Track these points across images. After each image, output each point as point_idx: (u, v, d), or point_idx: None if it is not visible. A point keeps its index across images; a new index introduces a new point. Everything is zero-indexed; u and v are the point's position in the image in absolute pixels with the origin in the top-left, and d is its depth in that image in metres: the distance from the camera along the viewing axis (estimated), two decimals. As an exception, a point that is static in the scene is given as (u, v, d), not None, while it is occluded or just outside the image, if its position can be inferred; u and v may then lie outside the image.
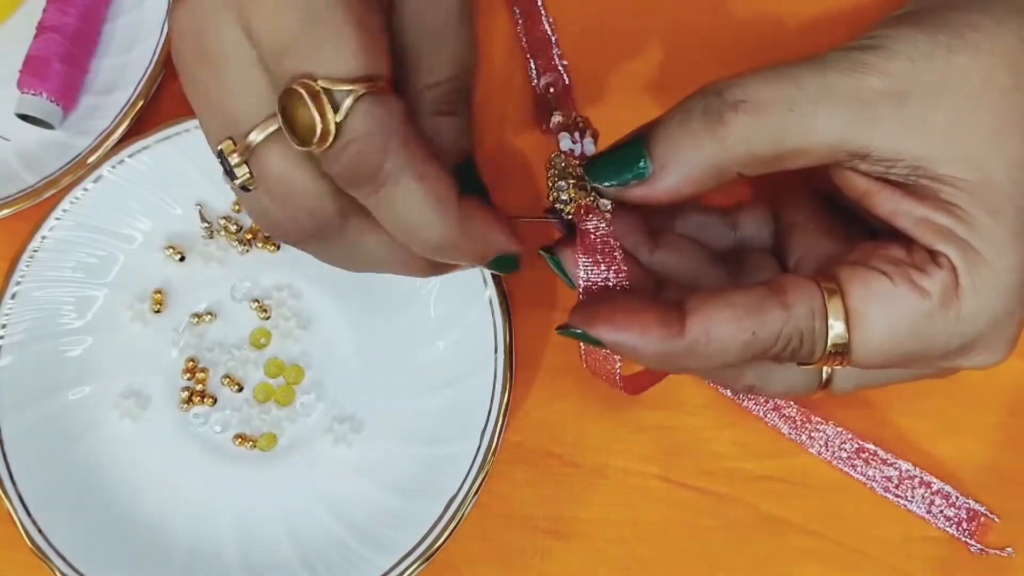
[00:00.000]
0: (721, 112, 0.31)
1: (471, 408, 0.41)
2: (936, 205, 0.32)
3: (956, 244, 0.31)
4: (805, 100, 0.31)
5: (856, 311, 0.32)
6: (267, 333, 0.44)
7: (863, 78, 0.31)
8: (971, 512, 0.41)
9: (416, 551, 0.39)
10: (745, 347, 0.31)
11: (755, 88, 0.31)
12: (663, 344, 0.31)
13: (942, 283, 0.31)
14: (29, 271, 0.43)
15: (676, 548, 0.42)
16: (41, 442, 0.42)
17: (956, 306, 0.31)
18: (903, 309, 0.31)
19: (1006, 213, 0.31)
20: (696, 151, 0.31)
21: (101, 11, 0.46)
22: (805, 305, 0.31)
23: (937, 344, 0.32)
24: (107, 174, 0.43)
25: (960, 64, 0.31)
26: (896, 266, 0.32)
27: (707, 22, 0.46)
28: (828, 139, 0.31)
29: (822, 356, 0.32)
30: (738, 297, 0.31)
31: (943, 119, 0.31)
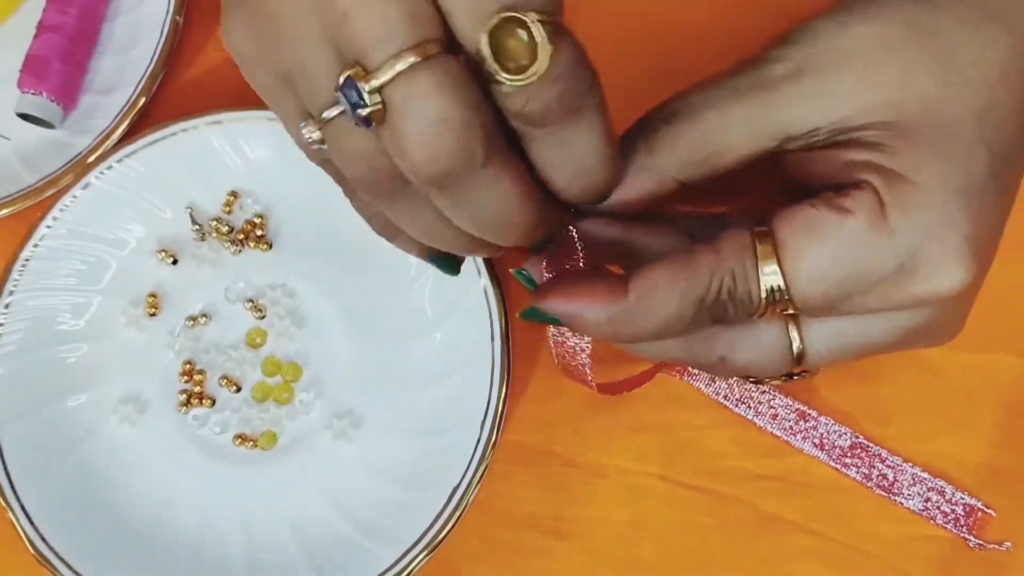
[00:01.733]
0: (655, 127, 0.33)
1: (470, 398, 0.41)
2: (858, 147, 0.33)
3: (875, 170, 0.32)
4: (717, 102, 0.33)
5: (785, 244, 0.32)
6: (263, 332, 0.44)
7: (768, 68, 0.33)
8: (968, 508, 0.41)
9: (420, 542, 0.39)
10: (683, 296, 0.32)
11: (680, 101, 0.33)
12: (609, 308, 0.32)
13: (865, 203, 0.32)
14: (22, 280, 0.43)
15: (676, 547, 0.42)
16: (41, 450, 0.41)
17: (884, 225, 0.31)
18: (830, 232, 0.32)
19: (921, 135, 0.32)
20: (632, 160, 0.33)
21: (101, 10, 0.46)
22: (733, 246, 0.32)
23: (873, 265, 0.32)
24: (96, 180, 0.43)
25: (855, 32, 0.33)
26: (819, 196, 0.32)
27: (704, 20, 0.47)
28: (741, 129, 0.33)
29: (761, 300, 0.32)
30: (676, 254, 0.33)
31: (847, 81, 0.32)
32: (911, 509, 0.42)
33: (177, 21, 0.45)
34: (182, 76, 0.47)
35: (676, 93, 0.34)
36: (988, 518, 0.41)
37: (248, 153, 0.44)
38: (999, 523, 0.41)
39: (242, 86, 0.46)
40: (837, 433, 0.42)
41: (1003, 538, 0.41)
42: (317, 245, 0.44)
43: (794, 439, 0.42)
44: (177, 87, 0.46)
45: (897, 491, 0.42)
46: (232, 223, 0.44)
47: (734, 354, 0.35)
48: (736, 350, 0.35)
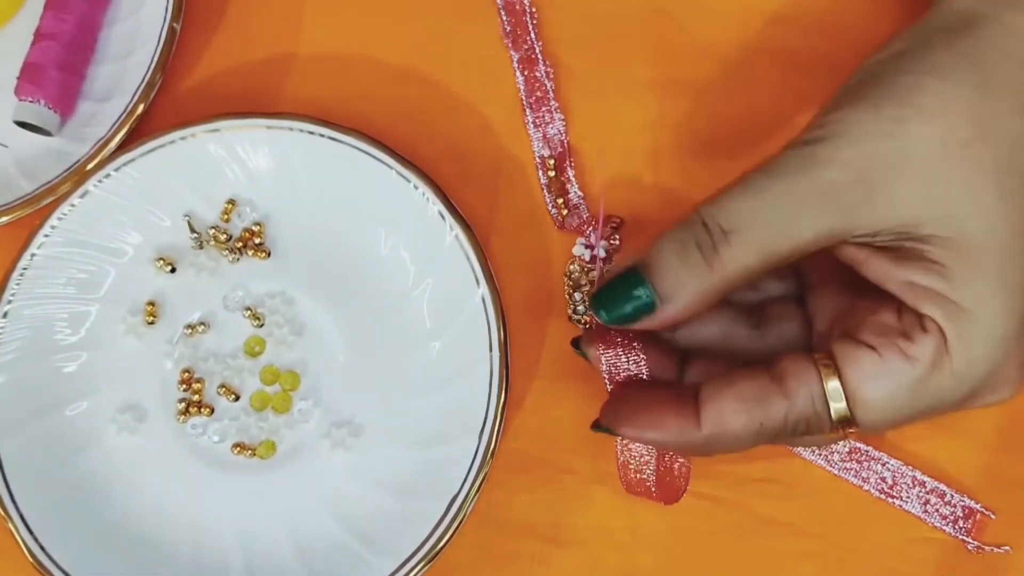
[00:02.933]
0: (715, 245, 0.33)
1: (469, 407, 0.41)
2: (920, 266, 0.32)
3: (940, 304, 0.32)
4: (780, 211, 0.33)
5: (853, 391, 0.33)
6: (261, 341, 0.44)
7: (824, 174, 0.32)
8: (967, 510, 0.41)
9: (419, 553, 0.39)
10: (756, 436, 0.34)
11: (736, 213, 0.33)
12: (683, 437, 0.34)
13: (930, 347, 0.32)
14: (20, 289, 0.42)
15: (674, 553, 0.42)
16: (40, 460, 0.41)
17: (948, 364, 0.32)
18: (896, 380, 0.33)
19: (984, 262, 0.32)
20: (699, 281, 0.33)
21: (98, 18, 0.46)
22: (805, 392, 0.33)
23: (939, 401, 0.33)
24: (94, 188, 0.43)
25: (913, 131, 0.32)
26: (885, 337, 0.33)
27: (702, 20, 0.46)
28: (809, 238, 0.33)
29: (831, 431, 0.34)
30: (744, 387, 0.34)
31: (912, 187, 0.32)
32: (910, 512, 0.42)
33: (175, 28, 0.45)
34: (180, 83, 0.46)
35: (718, 200, 0.34)
36: (987, 521, 0.41)
37: (246, 161, 0.44)
38: (998, 526, 0.42)
39: (240, 93, 0.46)
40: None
41: (1002, 541, 0.41)
42: (316, 254, 0.44)
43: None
44: (175, 94, 0.46)
45: (896, 494, 0.42)
46: (230, 231, 0.44)
47: (797, 445, 0.40)
48: (801, 443, 0.39)
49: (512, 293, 0.43)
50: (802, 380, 0.34)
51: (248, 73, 0.47)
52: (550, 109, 0.45)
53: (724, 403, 0.34)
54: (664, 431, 0.34)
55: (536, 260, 0.44)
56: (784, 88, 0.45)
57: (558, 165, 0.45)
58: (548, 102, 0.45)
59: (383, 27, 0.47)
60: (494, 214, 0.45)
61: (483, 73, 0.46)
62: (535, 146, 0.45)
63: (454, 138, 0.45)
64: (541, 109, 0.45)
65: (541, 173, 0.45)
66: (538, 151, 0.45)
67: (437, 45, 0.46)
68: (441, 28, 0.47)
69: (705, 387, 0.35)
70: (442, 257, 0.42)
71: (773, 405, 0.34)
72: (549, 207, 0.45)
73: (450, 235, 0.42)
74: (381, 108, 0.46)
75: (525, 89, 0.45)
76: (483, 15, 0.47)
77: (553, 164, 0.45)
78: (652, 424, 0.35)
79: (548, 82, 0.45)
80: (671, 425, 0.34)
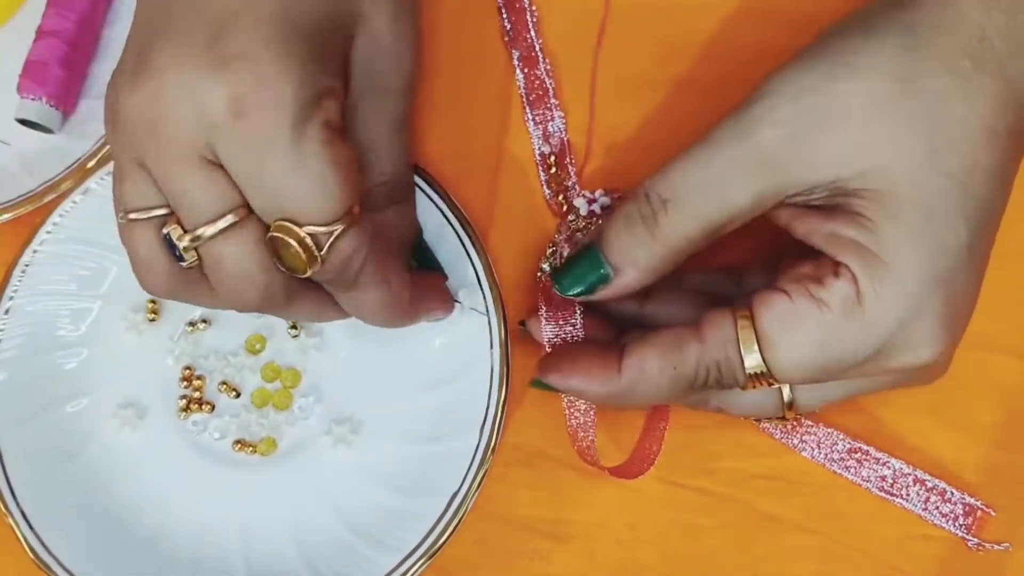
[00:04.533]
0: (655, 214, 0.35)
1: (470, 404, 0.41)
2: (846, 218, 0.33)
3: (858, 253, 0.33)
4: (714, 178, 0.34)
5: (765, 334, 0.34)
6: (262, 338, 0.44)
7: (756, 134, 0.34)
8: (967, 507, 0.42)
9: (420, 549, 0.39)
10: (672, 381, 0.35)
11: (673, 183, 0.35)
12: (606, 384, 0.36)
13: (840, 292, 0.33)
14: (22, 285, 0.43)
15: (675, 549, 0.42)
16: (41, 456, 0.42)
17: (860, 314, 0.33)
18: (805, 324, 0.33)
19: (906, 217, 0.33)
20: (644, 250, 0.35)
21: (100, 16, 0.46)
22: (717, 336, 0.35)
23: (848, 352, 0.33)
24: (96, 185, 0.43)
25: (842, 88, 0.33)
26: (797, 283, 0.34)
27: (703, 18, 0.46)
28: (746, 200, 0.34)
29: (747, 381, 0.35)
30: (664, 336, 0.36)
31: (841, 141, 0.33)
32: (911, 510, 0.42)
33: (176, 26, 0.45)
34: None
35: (662, 172, 0.35)
36: (988, 518, 0.42)
37: (247, 158, 0.44)
38: (999, 523, 0.42)
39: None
40: (835, 437, 0.42)
41: (1002, 538, 0.41)
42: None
43: (792, 442, 0.42)
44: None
45: (897, 492, 0.42)
46: None
47: (730, 407, 0.38)
48: (731, 403, 0.38)
49: (514, 290, 0.43)
50: (716, 325, 0.35)
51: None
52: (550, 107, 0.45)
53: (644, 350, 0.36)
54: (587, 378, 0.36)
55: (536, 257, 0.44)
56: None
57: (559, 162, 0.45)
58: (548, 100, 0.45)
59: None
60: (494, 211, 0.45)
61: (483, 70, 0.46)
62: (535, 143, 0.45)
63: (454, 135, 0.45)
64: (541, 107, 0.45)
65: (542, 170, 0.45)
66: (538, 148, 0.45)
67: (439, 43, 0.46)
68: (441, 25, 0.47)
69: (630, 342, 0.36)
70: (444, 256, 0.42)
71: (687, 350, 0.35)
72: (549, 203, 0.45)
73: (452, 234, 0.42)
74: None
75: (525, 87, 0.46)
76: (483, 12, 0.47)
77: (554, 161, 0.45)
78: (576, 371, 0.37)
79: (548, 80, 0.45)
80: (594, 372, 0.36)
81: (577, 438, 0.40)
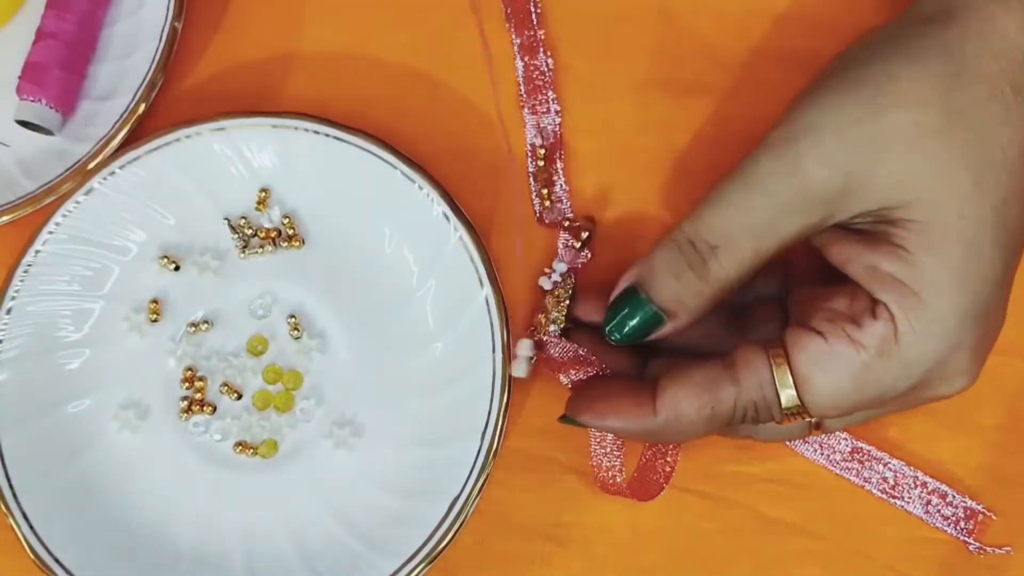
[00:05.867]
0: (704, 261, 0.35)
1: (471, 408, 0.41)
2: (886, 250, 0.33)
3: (896, 290, 0.33)
4: (763, 222, 0.34)
5: (801, 376, 0.34)
6: (264, 340, 0.44)
7: (803, 174, 0.33)
8: (968, 511, 0.42)
9: (420, 553, 0.39)
10: (709, 421, 0.35)
11: (720, 229, 0.34)
12: (641, 424, 0.36)
13: (878, 333, 0.33)
14: (24, 285, 0.42)
15: (676, 553, 0.42)
16: (42, 456, 0.41)
17: (896, 353, 0.33)
18: (842, 366, 0.33)
19: (949, 252, 0.32)
20: (697, 297, 0.35)
21: (99, 17, 0.46)
22: (753, 378, 0.35)
23: (885, 389, 0.34)
24: (98, 186, 0.43)
25: (889, 118, 0.33)
26: (833, 323, 0.34)
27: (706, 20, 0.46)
28: (794, 234, 0.34)
29: (783, 418, 0.35)
30: (697, 375, 0.35)
31: (888, 173, 0.33)
32: (912, 512, 0.42)
33: (176, 27, 0.45)
34: (181, 83, 0.46)
35: (701, 213, 0.35)
36: (989, 521, 0.42)
37: (251, 160, 0.44)
38: (1000, 527, 0.42)
39: (241, 92, 0.46)
40: (837, 438, 0.42)
41: (1003, 542, 0.42)
42: (320, 253, 0.44)
43: (794, 445, 0.42)
44: (176, 94, 0.46)
45: (898, 494, 0.42)
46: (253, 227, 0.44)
47: (758, 435, 0.39)
48: (760, 433, 0.38)
49: (516, 293, 0.43)
50: (752, 367, 0.35)
51: (249, 72, 0.47)
52: (547, 99, 0.45)
53: (679, 390, 0.35)
54: (623, 417, 0.36)
55: (539, 260, 0.44)
56: (787, 89, 0.45)
57: (548, 156, 0.45)
58: (545, 91, 0.45)
59: (384, 26, 0.47)
60: (496, 214, 0.45)
61: (485, 72, 0.46)
62: (528, 134, 0.45)
63: (456, 137, 0.45)
64: (538, 97, 0.45)
65: (530, 161, 0.45)
66: (530, 139, 0.45)
67: (438, 43, 0.46)
68: (443, 27, 0.47)
69: (663, 377, 0.36)
70: (446, 258, 0.42)
71: (723, 390, 0.35)
72: (533, 197, 0.45)
73: (454, 236, 0.42)
74: (383, 107, 0.46)
75: (524, 76, 0.45)
76: (484, 13, 0.47)
77: (544, 154, 0.45)
78: (611, 411, 0.36)
79: (548, 71, 0.45)
80: (629, 412, 0.36)
81: (601, 468, 0.40)
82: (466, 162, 0.45)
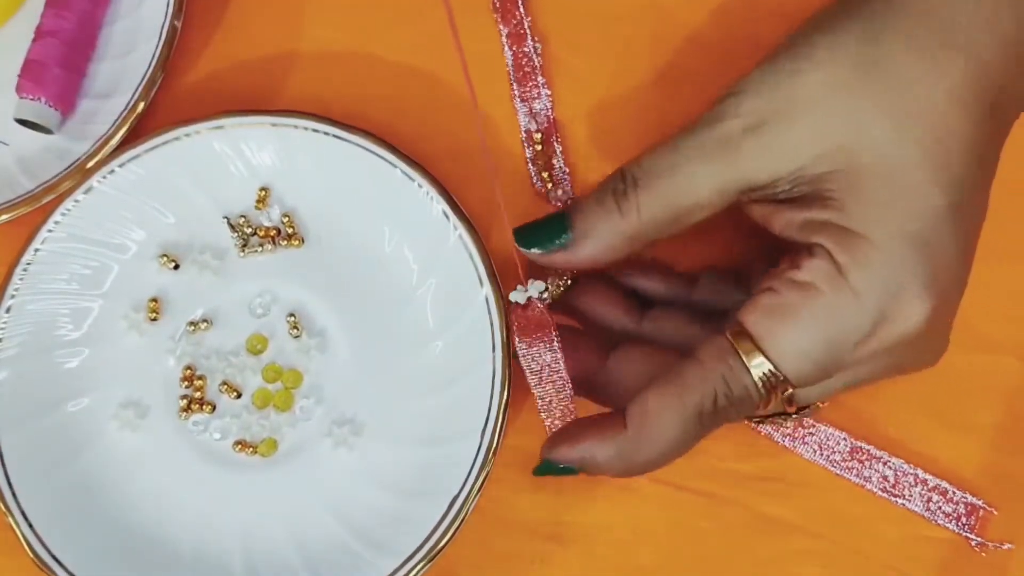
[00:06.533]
0: (626, 191, 0.36)
1: (471, 407, 0.41)
2: (815, 204, 0.34)
3: (828, 232, 0.33)
4: (681, 163, 0.35)
5: (761, 337, 0.34)
6: (263, 339, 0.44)
7: (724, 125, 0.35)
8: (969, 507, 0.42)
9: (420, 552, 0.39)
10: (680, 415, 0.35)
11: (645, 164, 0.36)
12: (615, 442, 0.35)
13: (820, 270, 0.33)
14: (23, 284, 0.42)
15: (676, 551, 0.42)
16: (42, 455, 0.41)
17: (846, 286, 0.33)
18: (797, 311, 0.33)
19: (872, 188, 0.33)
20: (607, 224, 0.36)
21: (99, 15, 0.46)
22: (714, 352, 0.34)
23: (847, 328, 0.33)
24: (97, 185, 0.43)
25: (802, 80, 0.34)
26: (777, 277, 0.34)
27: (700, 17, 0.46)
28: (709, 188, 0.35)
29: (759, 389, 0.34)
30: (661, 377, 0.35)
31: (802, 130, 0.34)
32: (913, 510, 0.42)
33: (175, 26, 0.45)
34: (181, 81, 0.46)
35: (639, 155, 0.36)
36: (990, 518, 0.42)
37: (251, 158, 0.44)
38: (1001, 523, 0.42)
39: (240, 91, 0.46)
40: (836, 438, 0.42)
41: (1005, 538, 0.42)
42: (319, 251, 0.44)
43: (793, 444, 0.42)
44: (176, 92, 0.46)
45: (899, 492, 0.42)
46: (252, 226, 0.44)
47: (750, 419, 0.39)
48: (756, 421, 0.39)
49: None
50: (709, 342, 0.35)
51: (249, 71, 0.47)
52: (537, 84, 0.45)
53: (643, 394, 0.35)
54: (593, 436, 0.36)
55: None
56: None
57: (544, 139, 0.45)
58: (535, 77, 0.45)
59: (384, 24, 0.47)
60: (495, 212, 0.45)
61: (484, 70, 0.46)
62: (521, 121, 0.45)
63: (455, 136, 0.45)
64: (528, 84, 0.45)
65: (527, 147, 0.45)
66: (524, 125, 0.45)
67: (438, 42, 0.46)
68: (442, 25, 0.47)
69: (634, 398, 0.36)
70: (446, 256, 0.42)
71: (686, 375, 0.35)
72: (533, 180, 0.45)
73: (454, 235, 0.42)
74: (382, 105, 0.46)
75: (513, 64, 0.46)
76: (482, 11, 0.47)
77: (540, 139, 0.45)
78: (582, 436, 0.36)
79: (536, 57, 0.46)
80: (599, 431, 0.36)
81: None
82: (466, 161, 0.45)
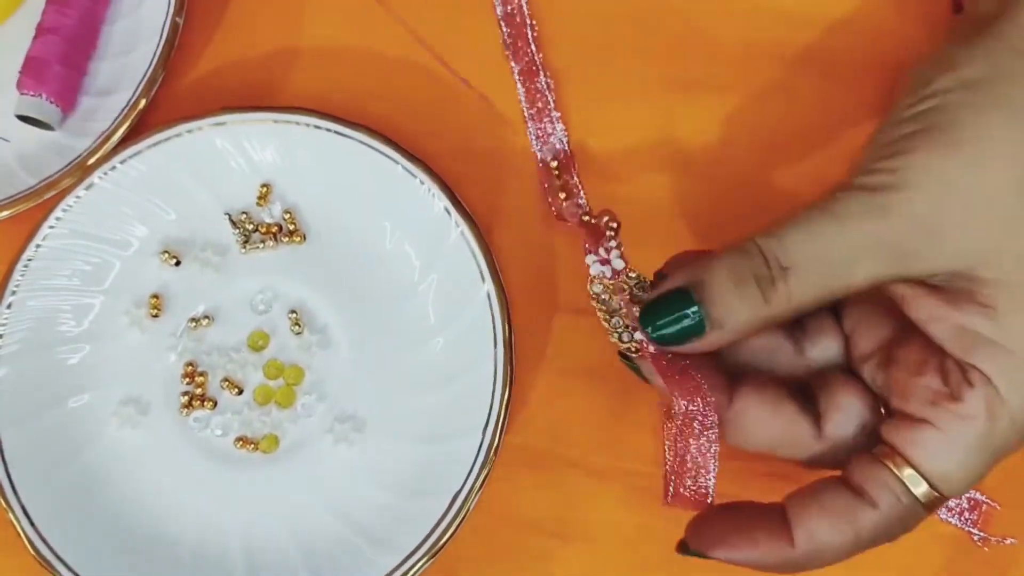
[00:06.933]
0: (774, 280, 0.33)
1: (473, 404, 0.40)
2: (971, 309, 0.32)
3: (987, 351, 0.32)
4: (839, 257, 0.32)
5: (928, 472, 0.33)
6: (265, 335, 0.44)
7: (889, 224, 0.32)
8: (972, 501, 0.41)
9: (421, 549, 0.39)
10: (855, 546, 0.34)
11: (796, 252, 0.33)
12: (780, 556, 0.34)
13: (981, 400, 0.32)
14: (24, 280, 0.42)
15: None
16: (43, 451, 0.41)
17: (1005, 410, 0.32)
18: (962, 445, 0.33)
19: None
20: (752, 313, 0.33)
21: (100, 13, 0.46)
22: (887, 494, 0.33)
23: (1008, 445, 0.33)
24: (99, 181, 0.43)
25: (987, 180, 0.32)
26: (936, 405, 0.33)
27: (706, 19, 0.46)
28: (866, 281, 0.33)
29: (926, 511, 0.34)
30: (829, 501, 0.34)
31: (978, 234, 0.32)
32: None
33: (177, 23, 0.45)
34: (182, 78, 0.46)
35: (779, 230, 0.33)
36: (993, 513, 0.41)
37: (252, 155, 0.44)
38: (1004, 517, 0.42)
39: (242, 87, 0.46)
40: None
41: (1008, 532, 0.41)
42: (321, 248, 0.44)
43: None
44: (177, 89, 0.46)
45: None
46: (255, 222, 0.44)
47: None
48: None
49: (516, 288, 0.43)
50: (879, 482, 0.33)
51: (250, 68, 0.47)
52: (552, 120, 0.45)
53: (813, 522, 0.34)
54: (759, 551, 0.34)
55: (540, 255, 0.44)
56: (790, 87, 0.45)
57: (562, 167, 0.45)
58: (549, 112, 0.45)
59: (385, 21, 0.47)
60: (498, 208, 0.44)
61: (486, 66, 0.46)
62: (537, 155, 0.45)
63: (457, 132, 0.45)
64: (543, 120, 0.45)
65: (545, 181, 0.45)
66: (540, 158, 0.45)
67: (440, 39, 0.46)
68: (444, 21, 0.47)
69: (790, 505, 0.35)
70: (447, 253, 0.42)
71: (863, 517, 0.34)
72: (553, 209, 0.44)
73: (455, 231, 0.42)
74: (384, 102, 0.46)
75: (526, 100, 0.45)
76: (485, 7, 0.47)
77: (557, 169, 0.45)
78: (746, 545, 0.34)
79: (549, 93, 0.45)
80: (764, 545, 0.34)
81: (682, 483, 0.37)
82: (467, 157, 0.45)
